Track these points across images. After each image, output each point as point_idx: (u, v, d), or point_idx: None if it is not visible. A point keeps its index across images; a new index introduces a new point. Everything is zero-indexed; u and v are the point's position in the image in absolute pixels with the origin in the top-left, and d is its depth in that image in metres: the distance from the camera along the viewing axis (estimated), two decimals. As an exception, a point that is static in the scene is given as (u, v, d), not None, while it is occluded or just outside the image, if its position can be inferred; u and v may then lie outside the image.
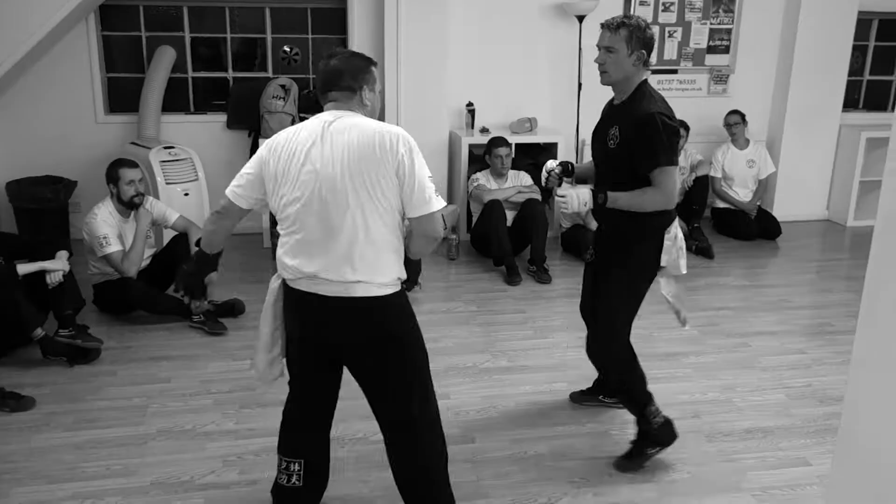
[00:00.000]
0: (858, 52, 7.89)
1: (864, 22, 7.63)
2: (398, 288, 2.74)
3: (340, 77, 2.70)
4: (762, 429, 3.87)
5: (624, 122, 3.26)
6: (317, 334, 2.76)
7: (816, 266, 6.50)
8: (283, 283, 2.79)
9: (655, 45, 7.08)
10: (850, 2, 7.25)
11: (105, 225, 4.87)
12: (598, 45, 3.27)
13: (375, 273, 2.63)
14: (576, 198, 3.25)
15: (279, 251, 2.75)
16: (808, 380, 4.39)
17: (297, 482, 2.95)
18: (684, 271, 3.45)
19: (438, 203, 2.63)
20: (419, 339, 2.80)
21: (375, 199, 2.58)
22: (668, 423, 3.51)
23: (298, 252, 2.67)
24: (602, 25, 3.26)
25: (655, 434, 3.49)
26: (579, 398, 4.09)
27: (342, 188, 2.57)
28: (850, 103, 7.87)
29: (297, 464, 2.95)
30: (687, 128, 6.90)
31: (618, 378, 3.54)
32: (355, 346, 2.74)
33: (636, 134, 3.20)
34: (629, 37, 3.17)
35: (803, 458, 3.63)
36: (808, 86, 7.41)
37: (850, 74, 7.60)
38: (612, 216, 3.36)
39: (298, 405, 2.97)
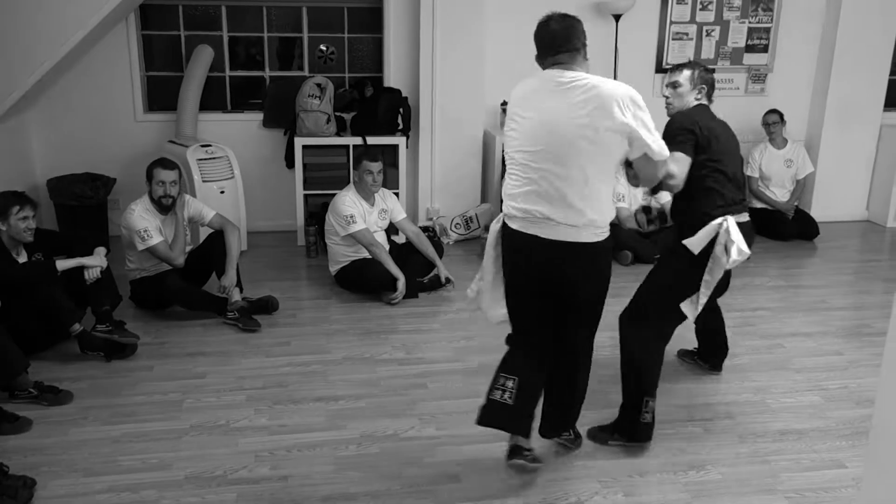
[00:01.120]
0: (901, 49, 7.75)
1: (906, 19, 7.49)
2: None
3: (567, 39, 3.05)
4: (796, 430, 3.83)
5: None
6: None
7: (855, 267, 6.41)
8: (505, 226, 3.20)
9: (693, 44, 7.22)
10: (892, -1, 7.14)
11: (142, 220, 4.94)
12: (665, 84, 3.79)
13: (601, 215, 3.03)
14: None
15: (508, 195, 3.14)
16: (845, 382, 4.33)
17: (508, 399, 3.20)
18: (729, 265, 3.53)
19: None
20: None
21: (604, 153, 2.94)
22: (650, 426, 3.62)
23: (528, 197, 3.05)
24: (671, 67, 3.80)
25: (634, 426, 3.61)
26: (685, 355, 4.56)
27: (579, 141, 2.91)
28: (891, 102, 7.73)
29: (512, 381, 3.21)
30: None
31: (633, 361, 3.67)
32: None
33: None
34: (692, 75, 3.66)
35: (839, 460, 3.58)
36: (849, 84, 7.31)
37: (891, 73, 7.48)
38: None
39: (521, 333, 3.33)
